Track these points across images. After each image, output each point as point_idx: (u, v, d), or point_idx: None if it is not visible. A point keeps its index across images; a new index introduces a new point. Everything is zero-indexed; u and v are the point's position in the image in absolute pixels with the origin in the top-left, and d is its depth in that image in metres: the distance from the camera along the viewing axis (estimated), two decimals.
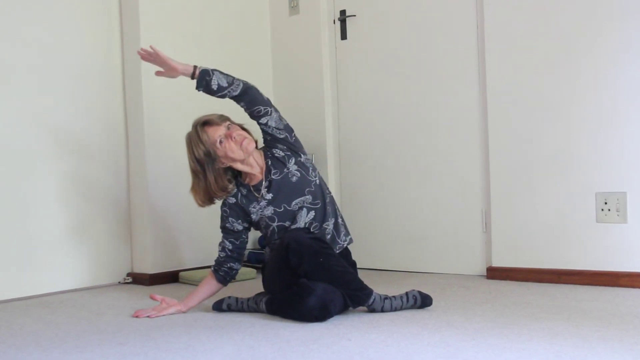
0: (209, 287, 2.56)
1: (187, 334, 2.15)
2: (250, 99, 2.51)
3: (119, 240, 3.38)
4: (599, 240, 2.83)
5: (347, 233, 2.62)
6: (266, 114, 2.53)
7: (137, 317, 2.45)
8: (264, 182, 2.52)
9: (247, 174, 2.55)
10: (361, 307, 2.37)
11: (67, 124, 3.19)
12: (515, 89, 3.03)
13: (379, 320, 2.24)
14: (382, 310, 2.35)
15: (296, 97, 3.82)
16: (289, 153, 2.56)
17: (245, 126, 2.57)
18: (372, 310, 2.35)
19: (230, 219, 2.54)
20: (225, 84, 2.46)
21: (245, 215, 2.54)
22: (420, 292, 2.42)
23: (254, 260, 3.63)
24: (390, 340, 1.97)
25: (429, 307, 2.42)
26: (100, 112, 3.32)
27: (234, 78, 2.49)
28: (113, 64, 3.38)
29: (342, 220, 2.63)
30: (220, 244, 2.58)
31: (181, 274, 3.35)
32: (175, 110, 3.44)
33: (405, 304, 2.38)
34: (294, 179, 2.52)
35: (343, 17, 3.64)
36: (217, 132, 2.44)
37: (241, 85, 2.49)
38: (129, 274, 3.38)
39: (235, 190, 2.55)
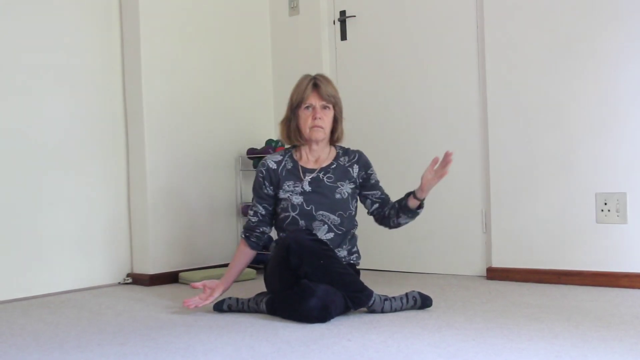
0: (243, 256, 2.57)
1: (187, 334, 2.15)
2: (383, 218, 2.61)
3: (119, 240, 3.37)
4: (599, 240, 2.83)
5: (359, 256, 2.62)
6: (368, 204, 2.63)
7: (187, 306, 2.44)
8: (315, 173, 2.53)
9: (301, 150, 2.57)
10: (361, 308, 2.37)
11: (67, 125, 3.19)
12: (515, 89, 3.03)
13: (379, 321, 2.24)
14: (382, 311, 2.35)
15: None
16: (358, 183, 2.58)
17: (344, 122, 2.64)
18: (372, 311, 2.35)
19: (265, 182, 2.54)
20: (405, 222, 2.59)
21: (276, 186, 2.53)
22: (420, 293, 2.42)
23: (254, 261, 3.62)
24: (390, 340, 1.97)
25: (429, 308, 2.42)
26: (101, 112, 3.32)
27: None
28: (113, 64, 3.38)
29: (357, 249, 2.62)
30: (251, 209, 2.57)
31: (181, 274, 3.35)
32: (175, 110, 3.44)
33: (405, 304, 2.38)
34: (338, 196, 2.51)
35: (343, 17, 3.64)
36: (313, 100, 2.49)
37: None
38: (128, 275, 3.38)
39: (281, 158, 2.57)
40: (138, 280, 3.33)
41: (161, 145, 3.37)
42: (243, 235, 2.58)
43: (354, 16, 3.60)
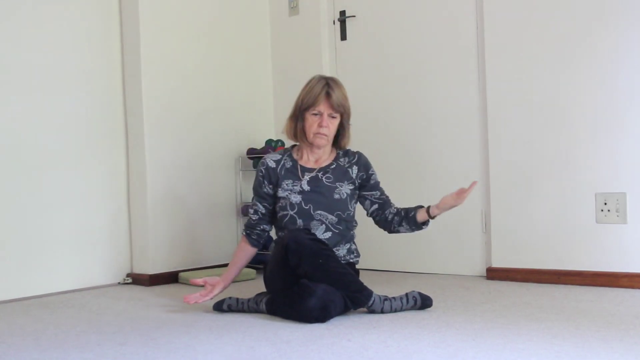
0: (244, 253, 2.58)
1: (187, 334, 2.15)
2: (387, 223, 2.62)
3: (119, 240, 3.38)
4: (599, 240, 2.83)
5: (358, 255, 2.61)
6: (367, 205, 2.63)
7: (187, 302, 2.47)
8: (314, 172, 2.53)
9: (303, 150, 2.57)
10: (361, 308, 2.37)
11: (67, 125, 3.19)
12: (515, 89, 3.03)
13: (379, 321, 2.24)
14: (382, 312, 2.35)
15: (296, 97, 3.81)
16: (357, 184, 2.58)
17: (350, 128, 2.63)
18: (372, 311, 2.35)
19: (265, 181, 2.55)
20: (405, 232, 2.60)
21: (275, 185, 2.54)
22: (420, 293, 2.41)
23: (254, 261, 3.62)
24: (390, 340, 1.97)
25: (429, 308, 2.42)
26: (101, 112, 3.32)
27: None
28: (113, 64, 3.38)
29: (355, 247, 2.62)
30: (252, 207, 2.59)
31: (181, 274, 3.35)
32: (175, 111, 3.44)
33: (405, 305, 2.38)
34: (337, 196, 2.52)
35: (343, 17, 3.64)
36: (323, 107, 2.49)
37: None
38: (128, 275, 3.38)
39: (280, 157, 2.57)
40: (138, 280, 3.33)
41: (161, 146, 3.37)
42: (244, 233, 2.60)
43: (354, 16, 3.60)
